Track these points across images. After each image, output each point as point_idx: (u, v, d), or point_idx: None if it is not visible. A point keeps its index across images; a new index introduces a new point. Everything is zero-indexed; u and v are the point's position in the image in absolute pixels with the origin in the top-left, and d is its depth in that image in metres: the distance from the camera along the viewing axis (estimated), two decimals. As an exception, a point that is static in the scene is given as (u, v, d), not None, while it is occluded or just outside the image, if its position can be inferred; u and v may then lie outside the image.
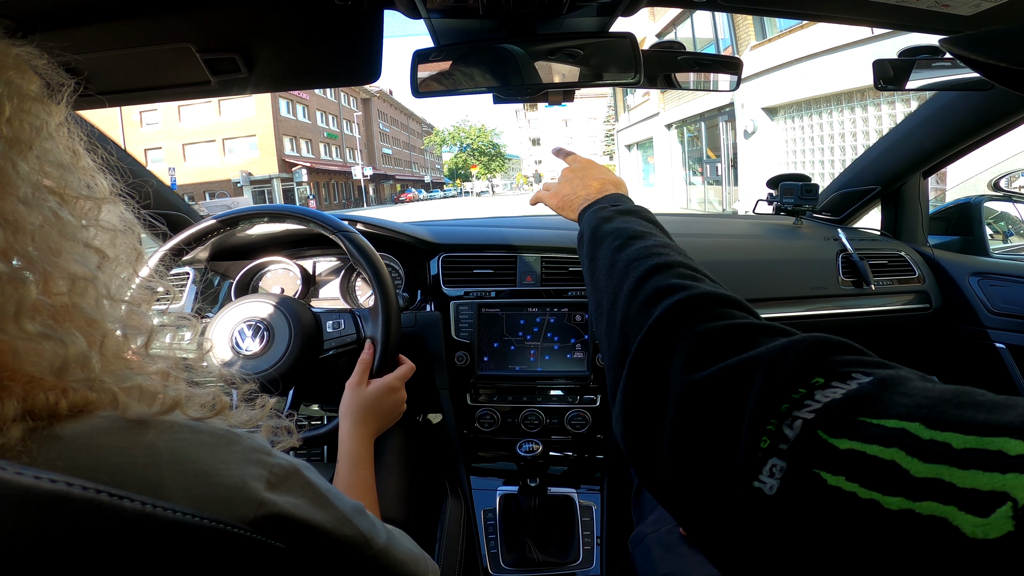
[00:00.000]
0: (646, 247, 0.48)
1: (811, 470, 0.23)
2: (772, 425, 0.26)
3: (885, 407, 0.24)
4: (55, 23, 0.62)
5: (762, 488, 0.25)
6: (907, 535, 0.20)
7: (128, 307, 0.37)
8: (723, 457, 0.28)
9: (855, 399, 0.25)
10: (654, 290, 0.40)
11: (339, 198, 34.99)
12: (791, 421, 0.25)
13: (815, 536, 0.23)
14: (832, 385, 0.26)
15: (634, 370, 0.37)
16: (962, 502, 0.19)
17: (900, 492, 0.20)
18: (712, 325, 0.35)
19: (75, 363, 0.30)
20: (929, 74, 0.96)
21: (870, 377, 0.26)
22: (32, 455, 0.27)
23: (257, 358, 0.83)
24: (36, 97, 0.33)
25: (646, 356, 0.36)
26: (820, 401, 0.25)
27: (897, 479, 0.21)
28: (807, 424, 0.25)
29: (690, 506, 0.31)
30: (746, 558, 0.27)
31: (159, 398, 0.33)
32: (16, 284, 0.28)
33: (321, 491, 0.37)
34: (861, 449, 0.22)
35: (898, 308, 1.27)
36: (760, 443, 0.26)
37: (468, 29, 0.78)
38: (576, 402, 1.12)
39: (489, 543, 1.02)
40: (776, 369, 0.28)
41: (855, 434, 0.23)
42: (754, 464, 0.26)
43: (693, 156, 14.20)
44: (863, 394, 0.25)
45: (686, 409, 0.32)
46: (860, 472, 0.22)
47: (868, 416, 0.24)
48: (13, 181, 0.29)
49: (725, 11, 1.10)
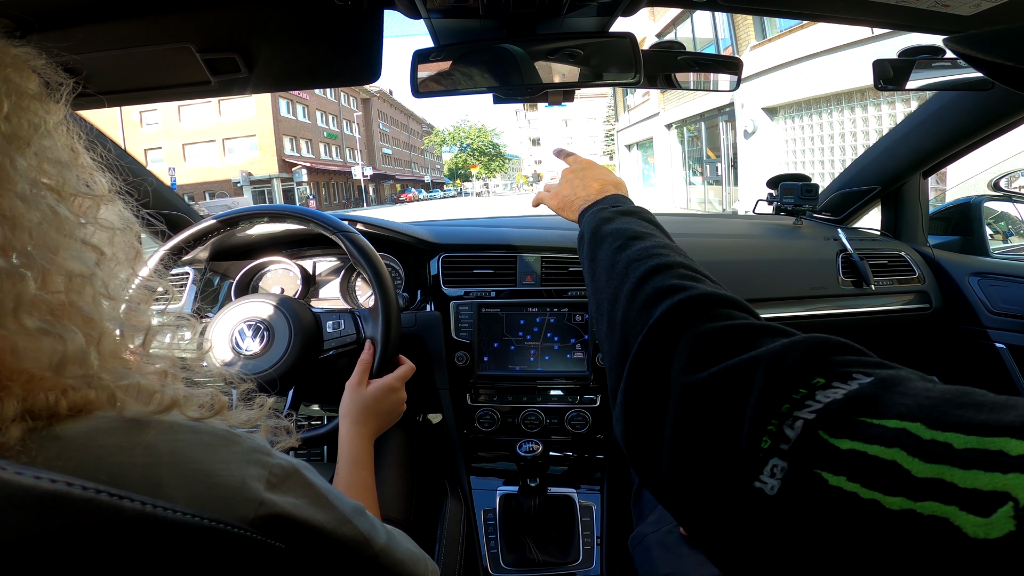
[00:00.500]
0: (646, 248, 0.48)
1: (812, 470, 0.23)
2: (773, 425, 0.26)
3: (886, 407, 0.24)
4: (55, 23, 0.62)
5: (763, 488, 0.25)
6: (908, 535, 0.20)
7: (126, 306, 0.37)
8: (724, 457, 0.28)
9: (856, 399, 0.25)
10: (654, 291, 0.40)
11: (339, 198, 34.99)
12: (792, 421, 0.25)
13: (816, 536, 0.23)
14: (833, 385, 0.26)
15: (635, 371, 0.37)
16: (963, 502, 0.19)
17: (901, 492, 0.21)
18: (712, 326, 0.35)
19: (73, 359, 0.30)
20: (929, 74, 0.96)
21: (871, 377, 0.26)
22: (32, 455, 0.27)
23: (257, 358, 0.83)
24: (34, 95, 0.33)
25: (646, 357, 0.36)
26: (821, 401, 0.25)
27: (898, 479, 0.21)
28: (808, 424, 0.25)
29: (691, 506, 0.31)
30: (747, 558, 0.27)
31: (157, 397, 0.33)
32: (15, 280, 0.28)
33: (321, 491, 0.37)
34: (862, 449, 0.23)
35: (898, 308, 1.27)
36: (761, 443, 0.26)
37: (468, 29, 0.78)
38: (576, 402, 1.12)
39: (489, 543, 1.02)
40: (776, 370, 0.28)
41: (856, 434, 0.23)
42: (755, 464, 0.26)
43: (693, 156, 14.20)
44: (864, 394, 0.25)
45: (687, 410, 0.32)
46: (861, 472, 0.22)
47: (869, 416, 0.24)
48: (11, 177, 0.29)
49: (725, 11, 1.10)
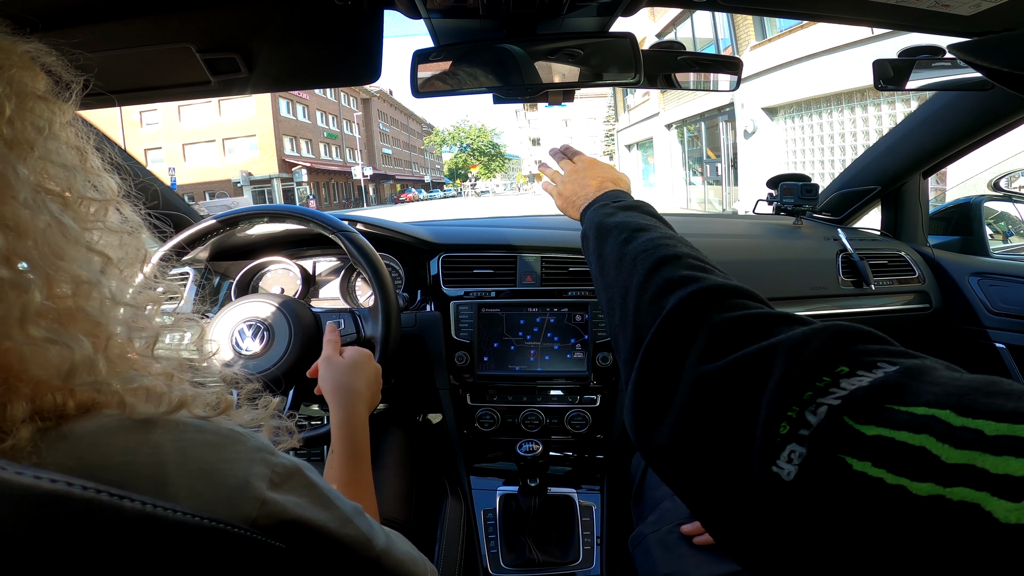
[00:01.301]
0: (652, 239, 0.47)
1: (836, 455, 0.23)
2: (793, 412, 0.26)
3: (913, 395, 0.24)
4: (55, 23, 0.62)
5: (779, 474, 0.25)
6: (937, 521, 0.20)
7: (132, 309, 0.37)
8: (738, 444, 0.28)
9: (882, 387, 0.25)
10: (665, 281, 0.40)
11: (339, 198, 34.98)
12: (815, 408, 0.25)
13: (837, 522, 0.23)
14: (858, 374, 0.26)
15: (647, 361, 0.36)
16: (995, 488, 0.19)
17: (930, 478, 0.20)
18: (728, 316, 0.34)
19: (82, 368, 0.30)
20: (929, 74, 0.96)
21: (896, 366, 0.26)
22: (41, 455, 0.27)
23: (257, 358, 0.83)
24: (40, 95, 0.33)
25: (660, 347, 0.36)
26: (846, 389, 0.25)
27: (927, 465, 0.21)
28: (832, 410, 0.25)
29: (705, 495, 0.31)
30: (762, 547, 0.27)
31: (165, 398, 0.33)
32: (20, 290, 0.28)
33: (323, 491, 0.37)
34: (890, 435, 0.22)
35: (898, 308, 1.27)
36: (779, 429, 0.26)
37: (468, 29, 0.78)
38: (576, 402, 1.12)
39: (489, 543, 1.02)
40: (797, 357, 0.28)
41: (883, 421, 0.23)
42: (772, 449, 0.26)
43: (693, 156, 14.20)
44: (891, 382, 0.25)
45: (699, 398, 0.31)
46: (888, 458, 0.22)
47: (896, 404, 0.23)
48: (14, 185, 0.29)
49: (725, 11, 1.10)
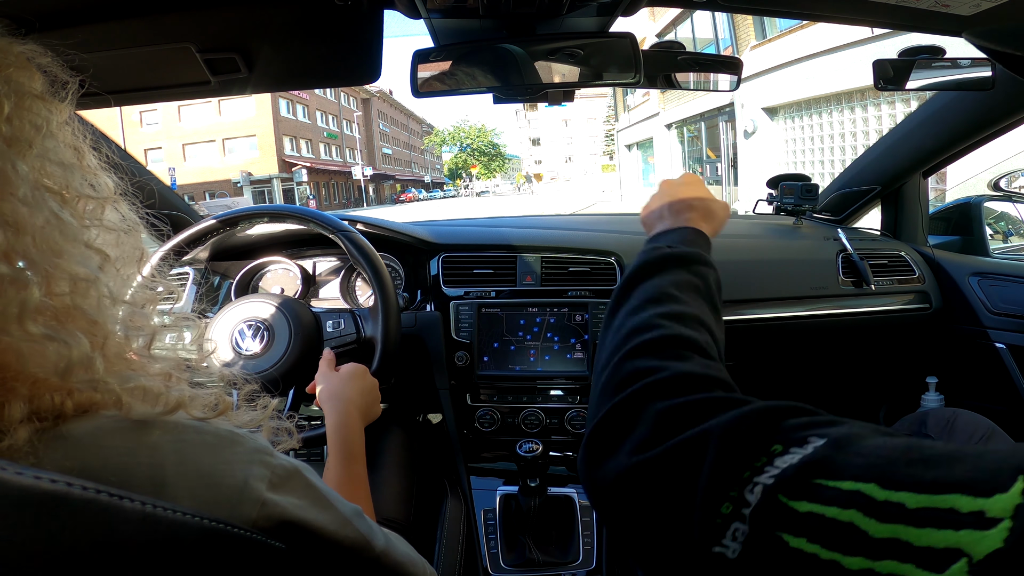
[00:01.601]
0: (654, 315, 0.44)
1: (774, 533, 0.24)
2: (735, 492, 0.27)
3: (840, 469, 0.25)
4: (55, 23, 0.62)
5: (724, 552, 0.26)
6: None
7: (130, 308, 0.36)
8: (677, 528, 0.29)
9: (811, 463, 0.26)
10: (633, 370, 0.40)
11: (339, 198, 34.96)
12: (752, 487, 0.26)
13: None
14: (790, 451, 0.27)
15: (591, 445, 0.37)
16: (919, 560, 0.20)
17: (860, 552, 0.21)
18: (669, 403, 0.35)
19: (79, 365, 0.30)
20: (929, 74, 0.96)
21: (824, 439, 0.27)
22: (39, 455, 0.27)
23: (257, 358, 0.83)
24: (38, 95, 0.33)
25: (600, 437, 0.37)
26: (779, 467, 0.26)
27: (856, 540, 0.22)
28: (767, 489, 0.26)
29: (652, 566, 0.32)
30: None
31: (162, 399, 0.33)
32: (19, 286, 0.28)
33: (322, 492, 0.37)
34: (820, 512, 0.23)
35: (898, 308, 1.27)
36: (722, 509, 0.27)
37: (468, 29, 0.78)
38: (576, 402, 1.12)
39: (489, 543, 1.02)
40: (730, 440, 0.29)
41: (813, 496, 0.24)
42: (715, 530, 0.27)
43: (693, 156, 14.20)
44: (818, 457, 0.26)
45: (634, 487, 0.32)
46: (820, 534, 0.23)
47: (824, 478, 0.24)
48: (13, 181, 0.29)
49: (725, 11, 1.10)
